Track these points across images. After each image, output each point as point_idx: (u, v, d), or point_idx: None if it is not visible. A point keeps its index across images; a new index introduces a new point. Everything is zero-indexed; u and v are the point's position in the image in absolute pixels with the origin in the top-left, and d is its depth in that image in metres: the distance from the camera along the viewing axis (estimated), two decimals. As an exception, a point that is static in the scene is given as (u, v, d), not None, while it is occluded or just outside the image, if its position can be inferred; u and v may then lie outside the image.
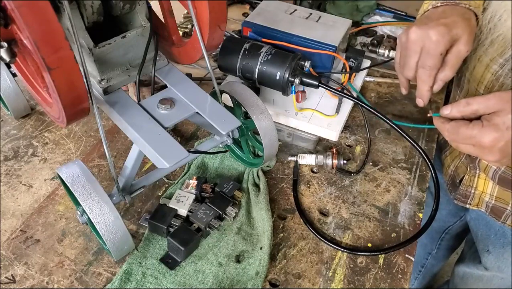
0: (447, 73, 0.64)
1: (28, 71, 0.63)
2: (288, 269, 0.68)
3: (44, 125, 0.89)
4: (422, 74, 0.64)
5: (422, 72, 0.64)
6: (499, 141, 0.55)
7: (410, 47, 0.64)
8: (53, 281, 0.65)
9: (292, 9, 0.96)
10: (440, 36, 0.61)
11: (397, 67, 0.71)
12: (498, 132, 0.55)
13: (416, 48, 0.64)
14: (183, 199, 0.72)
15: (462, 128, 0.58)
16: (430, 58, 0.63)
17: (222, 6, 0.66)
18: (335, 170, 0.83)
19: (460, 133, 0.58)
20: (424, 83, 0.65)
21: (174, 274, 0.66)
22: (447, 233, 1.19)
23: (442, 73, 0.65)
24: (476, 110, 0.57)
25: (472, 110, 0.58)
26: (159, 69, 0.69)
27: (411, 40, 0.64)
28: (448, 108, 0.60)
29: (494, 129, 0.55)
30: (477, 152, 0.59)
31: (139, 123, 0.62)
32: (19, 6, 0.45)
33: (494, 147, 0.56)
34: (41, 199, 0.76)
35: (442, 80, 0.65)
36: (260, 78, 0.81)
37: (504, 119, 0.55)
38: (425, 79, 0.65)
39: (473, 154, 0.60)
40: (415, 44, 0.64)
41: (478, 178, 0.84)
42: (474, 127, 0.57)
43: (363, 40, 1.13)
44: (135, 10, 0.64)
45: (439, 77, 0.65)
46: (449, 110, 0.60)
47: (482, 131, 0.56)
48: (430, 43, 0.62)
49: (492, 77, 0.70)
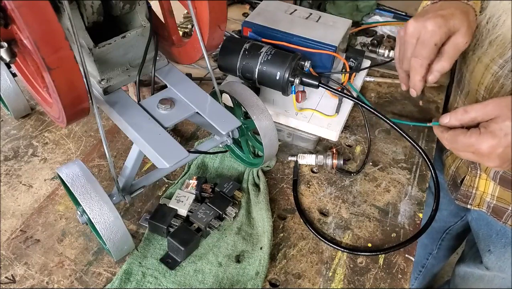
0: (444, 64, 0.64)
1: (28, 71, 0.63)
2: (288, 269, 0.68)
3: (44, 125, 0.89)
4: (415, 63, 0.64)
5: (415, 61, 0.64)
6: (497, 148, 0.55)
7: (407, 40, 0.64)
8: (53, 281, 0.65)
9: (292, 9, 0.96)
10: (437, 27, 0.61)
11: (397, 63, 0.71)
12: (495, 139, 0.55)
13: (413, 40, 0.64)
14: (183, 199, 0.72)
15: (460, 136, 0.58)
16: (424, 48, 0.62)
17: (222, 6, 0.66)
18: (335, 170, 0.83)
19: (458, 142, 0.58)
20: (416, 73, 0.65)
21: (174, 274, 0.66)
22: (447, 233, 1.19)
23: (438, 64, 0.64)
24: (474, 117, 0.57)
25: (471, 118, 0.57)
26: (159, 69, 0.69)
27: (408, 33, 0.64)
28: (447, 117, 0.60)
29: (491, 136, 0.55)
30: (477, 159, 0.59)
31: (139, 123, 0.62)
32: (19, 6, 0.45)
33: (493, 154, 0.56)
34: (41, 199, 0.76)
35: (438, 71, 0.65)
36: (260, 78, 0.81)
37: (502, 126, 0.54)
38: (417, 68, 0.64)
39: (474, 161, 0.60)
40: (411, 36, 0.64)
41: (479, 179, 0.84)
42: (471, 135, 0.56)
43: (363, 40, 1.13)
44: (135, 10, 0.64)
45: (435, 68, 0.65)
46: (448, 119, 0.60)
47: (480, 139, 0.55)
48: (426, 33, 0.62)
49: (492, 78, 0.70)
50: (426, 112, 0.96)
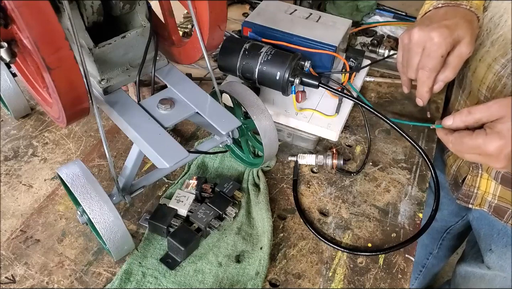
0: (448, 75, 0.64)
1: (28, 71, 0.63)
2: (288, 269, 0.68)
3: (44, 125, 0.89)
4: (422, 75, 0.64)
5: (422, 74, 0.64)
6: (504, 148, 0.55)
7: (413, 48, 0.64)
8: (53, 281, 0.65)
9: (292, 9, 0.96)
10: (442, 38, 0.61)
11: (399, 67, 0.71)
12: (502, 139, 0.54)
13: (418, 49, 0.64)
14: (183, 199, 0.72)
15: (466, 138, 0.57)
16: (431, 60, 0.63)
17: (222, 6, 0.66)
18: (335, 170, 0.83)
19: (464, 144, 0.57)
20: (423, 85, 0.65)
21: (174, 274, 0.66)
22: (448, 233, 1.19)
23: (443, 74, 0.65)
24: (479, 118, 0.57)
25: (475, 119, 0.57)
26: (159, 69, 0.69)
27: (414, 41, 0.64)
28: (450, 119, 0.59)
29: (498, 137, 0.54)
30: (483, 161, 0.58)
31: (139, 123, 0.62)
32: (19, 6, 0.45)
33: (500, 154, 0.55)
34: (41, 199, 0.76)
35: (443, 81, 0.65)
36: (260, 78, 0.81)
37: (508, 126, 0.54)
38: (424, 80, 0.65)
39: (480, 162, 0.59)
40: (417, 46, 0.64)
41: (481, 178, 0.84)
42: (478, 137, 0.56)
43: (363, 40, 1.13)
44: (135, 10, 0.64)
45: (439, 78, 0.65)
46: (451, 121, 0.59)
47: (487, 140, 0.55)
48: (432, 45, 0.62)
49: (494, 77, 0.70)
50: (426, 112, 0.96)
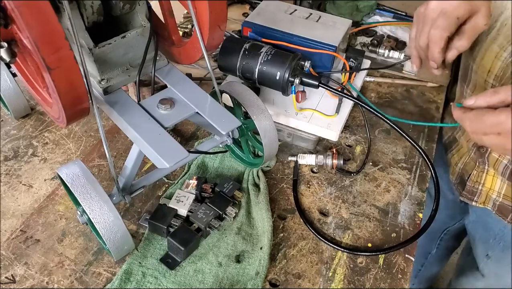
0: (463, 43, 0.63)
1: (28, 71, 0.63)
2: (288, 269, 0.68)
3: (44, 125, 0.89)
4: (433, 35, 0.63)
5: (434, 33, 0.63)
6: None
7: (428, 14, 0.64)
8: (53, 281, 0.65)
9: (292, 9, 0.96)
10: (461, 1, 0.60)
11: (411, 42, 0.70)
12: None
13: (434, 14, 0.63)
14: (183, 199, 0.72)
15: (487, 114, 0.54)
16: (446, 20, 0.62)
17: (222, 6, 0.66)
18: (335, 170, 0.83)
19: (484, 121, 0.54)
20: (435, 45, 0.64)
21: (174, 274, 0.66)
22: (446, 234, 1.19)
23: (458, 42, 0.63)
24: (505, 98, 0.53)
25: (500, 99, 0.54)
26: (159, 69, 0.69)
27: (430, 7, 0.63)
28: (472, 99, 0.56)
29: None
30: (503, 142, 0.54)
31: (139, 123, 0.62)
32: (19, 6, 0.45)
33: None
34: (41, 199, 0.76)
35: (457, 49, 0.64)
36: (260, 78, 0.81)
37: None
38: (436, 40, 0.63)
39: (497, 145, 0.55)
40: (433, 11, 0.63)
41: (487, 174, 0.83)
42: (501, 113, 0.53)
43: (363, 40, 1.13)
44: (135, 10, 0.64)
45: (454, 45, 0.64)
46: (473, 101, 0.56)
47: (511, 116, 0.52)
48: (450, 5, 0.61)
49: (503, 65, 0.70)
50: (426, 112, 0.96)
